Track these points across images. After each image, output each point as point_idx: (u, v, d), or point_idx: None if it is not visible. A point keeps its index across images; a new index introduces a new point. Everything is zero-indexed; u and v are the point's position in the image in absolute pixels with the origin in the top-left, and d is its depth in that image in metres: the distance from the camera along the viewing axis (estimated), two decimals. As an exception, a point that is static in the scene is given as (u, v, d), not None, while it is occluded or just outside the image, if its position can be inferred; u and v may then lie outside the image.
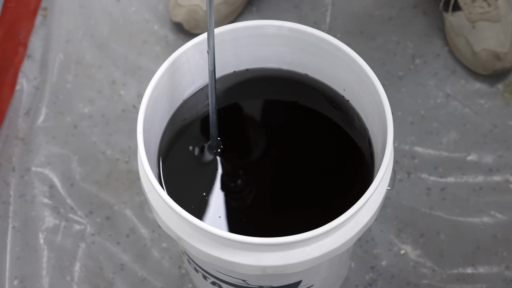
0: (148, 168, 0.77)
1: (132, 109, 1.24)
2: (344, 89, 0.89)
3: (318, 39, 0.86)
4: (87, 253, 1.13)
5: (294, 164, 0.88)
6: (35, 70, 1.28)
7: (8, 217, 1.15)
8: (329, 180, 0.88)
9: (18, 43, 1.29)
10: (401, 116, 1.23)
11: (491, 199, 1.16)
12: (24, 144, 1.21)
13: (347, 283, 1.10)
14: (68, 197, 1.16)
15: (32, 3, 1.33)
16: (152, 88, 0.83)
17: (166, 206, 0.79)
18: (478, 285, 1.10)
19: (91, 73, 1.27)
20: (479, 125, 1.22)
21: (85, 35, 1.31)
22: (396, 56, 1.29)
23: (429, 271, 1.11)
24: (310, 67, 0.90)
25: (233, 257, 0.78)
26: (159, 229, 1.14)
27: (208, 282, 0.93)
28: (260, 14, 1.32)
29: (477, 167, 1.19)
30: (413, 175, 1.18)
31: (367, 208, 0.81)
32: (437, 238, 1.13)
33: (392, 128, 0.79)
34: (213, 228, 0.75)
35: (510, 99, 1.25)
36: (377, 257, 1.12)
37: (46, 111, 1.23)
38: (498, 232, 1.14)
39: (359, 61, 0.84)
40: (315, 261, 0.79)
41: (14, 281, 1.11)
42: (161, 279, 1.11)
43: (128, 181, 1.17)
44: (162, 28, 1.31)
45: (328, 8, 1.33)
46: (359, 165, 0.87)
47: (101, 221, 1.15)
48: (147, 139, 0.81)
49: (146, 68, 1.27)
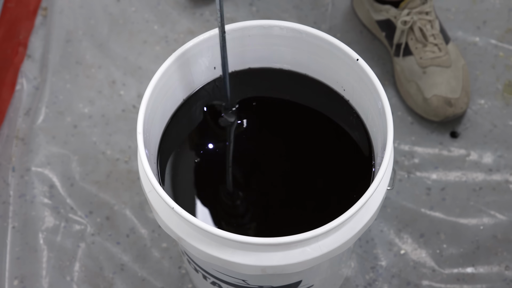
0: (148, 168, 0.77)
1: (132, 109, 1.24)
2: (344, 89, 0.89)
3: (318, 39, 0.86)
4: (87, 253, 1.13)
5: (294, 164, 0.88)
6: (35, 70, 1.28)
7: (8, 217, 1.15)
8: (329, 180, 0.88)
9: (18, 43, 1.29)
10: (401, 116, 1.23)
11: (491, 199, 1.16)
12: (24, 144, 1.21)
13: (347, 283, 1.10)
14: (68, 197, 1.16)
15: (32, 3, 1.33)
16: (152, 88, 0.83)
17: (166, 206, 0.79)
18: (478, 285, 1.10)
19: (91, 73, 1.27)
20: (479, 125, 1.22)
21: (85, 35, 1.31)
22: (396, 56, 1.28)
23: (429, 271, 1.11)
24: (310, 67, 0.90)
25: (233, 257, 0.78)
26: (159, 229, 1.14)
27: (208, 282, 0.93)
28: (260, 14, 1.32)
29: (477, 167, 1.19)
30: (413, 175, 1.18)
31: (367, 208, 0.81)
32: (437, 238, 1.13)
33: (392, 128, 0.79)
34: (213, 228, 0.75)
35: (510, 99, 1.25)
36: (377, 257, 1.12)
37: (46, 111, 1.23)
38: (498, 232, 1.14)
39: (359, 61, 0.84)
40: (315, 261, 0.79)
41: (14, 281, 1.11)
42: (161, 279, 1.11)
43: (128, 181, 1.17)
44: (162, 28, 1.31)
45: (328, 8, 1.33)
46: (359, 165, 0.87)
47: (101, 221, 1.15)
48: (147, 139, 0.81)
49: (146, 68, 1.27)
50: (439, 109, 1.18)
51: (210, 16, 1.32)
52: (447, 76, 1.19)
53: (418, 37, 1.20)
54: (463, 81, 1.20)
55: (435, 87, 1.19)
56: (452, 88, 1.19)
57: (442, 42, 1.21)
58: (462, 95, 1.19)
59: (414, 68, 1.20)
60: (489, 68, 1.27)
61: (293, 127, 0.91)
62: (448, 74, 1.20)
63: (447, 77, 1.19)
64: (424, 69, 1.19)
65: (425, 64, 1.20)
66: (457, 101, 1.18)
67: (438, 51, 1.20)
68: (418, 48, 1.20)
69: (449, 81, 1.19)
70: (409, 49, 1.21)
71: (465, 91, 1.20)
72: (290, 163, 0.88)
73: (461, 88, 1.19)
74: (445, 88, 1.19)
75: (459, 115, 1.20)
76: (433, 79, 1.19)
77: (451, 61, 1.21)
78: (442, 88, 1.19)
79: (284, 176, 0.88)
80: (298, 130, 0.91)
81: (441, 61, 1.20)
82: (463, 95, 1.19)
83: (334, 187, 0.87)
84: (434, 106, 1.19)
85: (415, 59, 1.20)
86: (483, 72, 1.26)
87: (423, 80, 1.19)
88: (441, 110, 1.18)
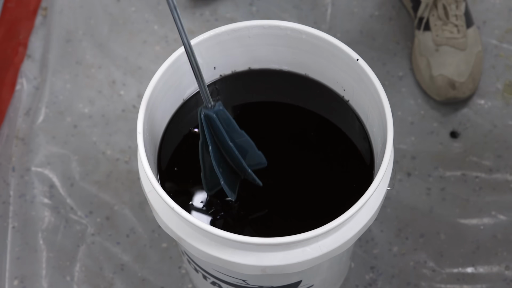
0: (148, 168, 0.77)
1: (132, 109, 1.24)
2: (344, 89, 0.89)
3: (318, 39, 0.86)
4: (87, 253, 1.13)
5: (294, 164, 0.88)
6: (35, 70, 1.28)
7: (8, 217, 1.15)
8: (329, 180, 0.88)
9: (18, 43, 1.29)
10: (401, 116, 1.23)
11: (491, 199, 1.16)
12: (24, 144, 1.21)
13: (347, 283, 1.10)
14: (68, 197, 1.16)
15: (32, 3, 1.33)
16: (152, 88, 0.83)
17: (166, 206, 0.79)
18: (478, 285, 1.10)
19: (91, 73, 1.27)
20: (479, 125, 1.22)
21: (85, 35, 1.31)
22: (396, 56, 1.29)
23: (429, 271, 1.11)
24: (310, 67, 0.90)
25: (233, 257, 0.78)
26: (159, 229, 1.14)
27: (208, 282, 0.93)
28: (260, 14, 1.32)
29: (477, 167, 1.19)
30: (413, 175, 1.18)
31: (367, 208, 0.81)
32: (437, 238, 1.13)
33: (392, 128, 0.79)
34: (213, 228, 0.75)
35: (510, 99, 1.25)
36: (377, 257, 1.12)
37: (46, 111, 1.23)
38: (498, 232, 1.14)
39: (359, 61, 0.84)
40: (315, 261, 0.79)
41: (14, 281, 1.11)
42: (161, 279, 1.11)
43: (128, 181, 1.17)
44: (162, 28, 1.31)
45: (328, 8, 1.33)
46: (359, 165, 0.87)
47: (101, 221, 1.15)
48: (147, 139, 0.81)
49: (146, 68, 1.28)
50: (442, 89, 1.20)
51: (210, 16, 1.32)
52: (458, 59, 1.20)
53: (440, 14, 1.21)
54: (473, 67, 1.21)
55: (443, 67, 1.20)
56: (460, 72, 1.20)
57: (463, 25, 1.22)
58: (468, 81, 1.20)
59: (428, 44, 1.22)
60: (489, 68, 1.27)
61: (293, 127, 0.91)
62: (460, 57, 1.20)
63: (458, 59, 1.20)
64: (437, 47, 1.21)
65: (440, 42, 1.21)
66: (461, 85, 1.19)
67: (456, 32, 1.21)
68: (437, 25, 1.22)
69: (459, 64, 1.20)
70: (428, 24, 1.23)
71: (472, 77, 1.20)
72: (290, 163, 0.88)
73: (469, 74, 1.20)
74: (453, 70, 1.20)
75: (461, 99, 1.21)
76: (444, 59, 1.20)
77: (467, 45, 1.21)
78: (450, 69, 1.20)
79: (284, 176, 0.88)
80: (298, 130, 0.91)
81: (456, 43, 1.21)
82: (469, 80, 1.20)
83: (334, 187, 0.87)
84: (437, 85, 1.20)
85: (432, 35, 1.21)
86: (483, 72, 1.26)
87: (434, 58, 1.21)
88: (443, 91, 1.20)
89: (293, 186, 0.87)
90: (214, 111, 0.76)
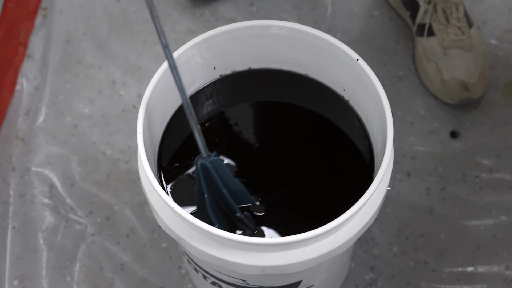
0: (148, 168, 0.77)
1: (132, 109, 1.24)
2: (344, 89, 0.89)
3: (318, 39, 0.86)
4: (87, 253, 1.13)
5: (294, 164, 0.88)
6: (35, 70, 1.28)
7: (8, 217, 1.15)
8: (329, 180, 0.88)
9: (18, 43, 1.29)
10: (401, 116, 1.23)
11: (491, 199, 1.16)
12: (24, 144, 1.21)
13: (347, 283, 1.10)
14: (68, 197, 1.16)
15: (32, 3, 1.33)
16: (152, 88, 0.83)
17: (166, 206, 0.79)
18: (478, 285, 1.10)
19: (91, 73, 1.27)
20: (479, 125, 1.22)
21: (85, 35, 1.31)
22: (396, 56, 1.29)
23: (429, 271, 1.11)
24: (310, 67, 0.90)
25: (233, 257, 0.78)
26: (159, 229, 1.14)
27: (208, 282, 0.93)
28: (260, 14, 1.32)
29: (477, 167, 1.19)
30: (413, 175, 1.18)
31: (367, 208, 0.81)
32: (437, 238, 1.13)
33: (392, 128, 0.79)
34: (213, 228, 0.75)
35: (510, 99, 1.25)
36: (377, 257, 1.12)
37: (46, 111, 1.23)
38: (498, 232, 1.14)
39: (359, 61, 0.84)
40: (315, 261, 0.79)
41: (14, 281, 1.11)
42: (161, 279, 1.11)
43: (128, 181, 1.17)
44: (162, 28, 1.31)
45: (328, 8, 1.33)
46: (359, 165, 0.87)
47: (101, 221, 1.15)
48: (147, 139, 0.81)
49: (146, 68, 1.27)
50: (455, 93, 1.20)
51: (210, 16, 1.32)
52: (467, 60, 1.20)
53: (440, 19, 1.21)
54: (482, 66, 1.21)
55: (454, 70, 1.20)
56: (471, 72, 1.20)
57: (466, 26, 1.22)
58: (479, 81, 1.20)
59: (436, 49, 1.22)
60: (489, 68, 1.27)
61: (293, 127, 0.91)
62: (468, 58, 1.21)
63: (467, 60, 1.20)
64: (445, 50, 1.21)
65: (447, 46, 1.21)
66: (474, 86, 1.20)
67: (461, 34, 1.21)
68: (441, 29, 1.22)
69: (469, 65, 1.20)
70: (432, 30, 1.23)
71: (482, 76, 1.21)
72: (290, 163, 0.88)
73: (479, 73, 1.20)
74: (464, 71, 1.20)
75: (474, 100, 1.21)
76: (454, 61, 1.21)
77: (473, 45, 1.22)
78: (461, 71, 1.20)
79: (284, 176, 0.88)
80: (298, 130, 0.91)
81: (463, 44, 1.21)
82: (480, 80, 1.20)
83: (334, 187, 0.87)
84: (450, 89, 1.20)
85: (438, 40, 1.21)
86: (483, 72, 1.27)
87: (444, 61, 1.21)
88: (457, 94, 1.20)
89: (293, 186, 0.87)
90: (209, 161, 0.79)
